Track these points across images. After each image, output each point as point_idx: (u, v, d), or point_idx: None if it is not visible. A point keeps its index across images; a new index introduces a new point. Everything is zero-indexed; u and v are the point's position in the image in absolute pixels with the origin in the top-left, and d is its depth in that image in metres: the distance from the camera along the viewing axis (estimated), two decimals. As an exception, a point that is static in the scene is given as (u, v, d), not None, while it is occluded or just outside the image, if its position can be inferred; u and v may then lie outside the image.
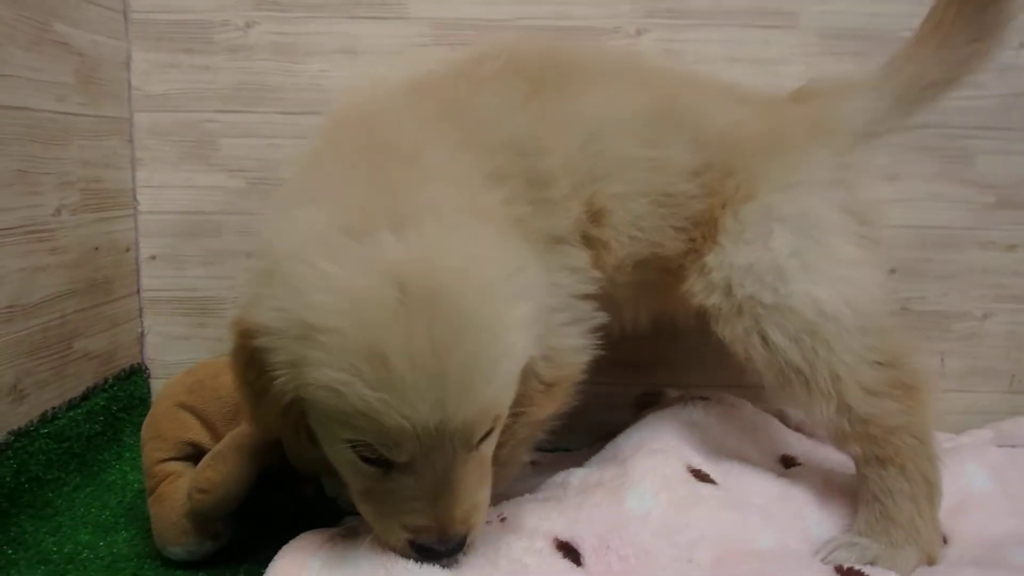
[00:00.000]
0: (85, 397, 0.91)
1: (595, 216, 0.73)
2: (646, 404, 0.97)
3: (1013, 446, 0.88)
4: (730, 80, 0.84)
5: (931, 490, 0.70)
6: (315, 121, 0.97)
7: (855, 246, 0.73)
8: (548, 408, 0.70)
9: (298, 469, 0.76)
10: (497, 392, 0.56)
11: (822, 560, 0.67)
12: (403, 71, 0.76)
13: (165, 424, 0.77)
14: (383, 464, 0.56)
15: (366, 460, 0.57)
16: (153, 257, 1.02)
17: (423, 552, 0.58)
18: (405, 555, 0.58)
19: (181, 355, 1.02)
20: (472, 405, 0.54)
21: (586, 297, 0.70)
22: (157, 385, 1.03)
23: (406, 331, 0.51)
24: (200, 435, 0.77)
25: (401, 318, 0.52)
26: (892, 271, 1.03)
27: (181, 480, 0.75)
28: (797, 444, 0.89)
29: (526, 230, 0.65)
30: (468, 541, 0.59)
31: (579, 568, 0.62)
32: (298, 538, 0.65)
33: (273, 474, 0.75)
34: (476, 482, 0.58)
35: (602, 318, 0.71)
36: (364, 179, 0.60)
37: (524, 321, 0.56)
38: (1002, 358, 1.05)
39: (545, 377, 0.67)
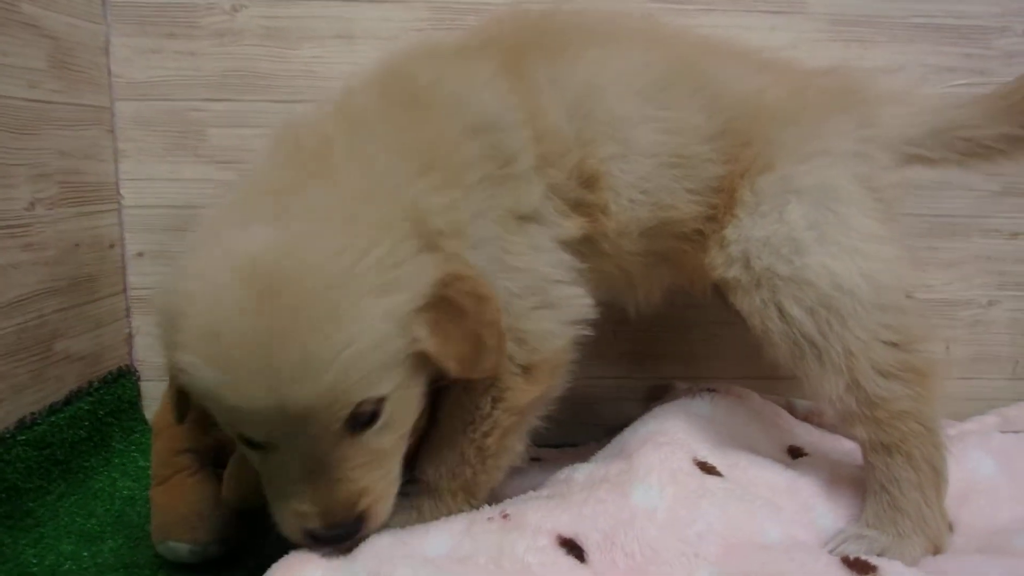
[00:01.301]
0: (68, 401, 0.87)
1: (587, 181, 0.71)
2: (655, 397, 0.96)
3: (1017, 432, 0.88)
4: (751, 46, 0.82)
5: (938, 479, 0.69)
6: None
7: (874, 220, 0.71)
8: (529, 392, 0.68)
9: None
10: (341, 380, 0.55)
11: (830, 553, 0.66)
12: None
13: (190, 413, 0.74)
14: (256, 445, 0.59)
15: (244, 442, 0.59)
16: (140, 254, 0.97)
17: (314, 540, 0.59)
18: (300, 543, 0.60)
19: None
20: (308, 392, 0.54)
21: (559, 281, 0.69)
22: (149, 387, 0.99)
23: (244, 316, 0.53)
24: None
25: (241, 303, 0.54)
26: (897, 245, 1.01)
27: (200, 474, 0.73)
28: (805, 435, 0.89)
29: (473, 212, 0.65)
30: (365, 528, 0.60)
31: (583, 565, 0.61)
32: (300, 549, 0.63)
33: None
34: (361, 468, 0.59)
35: (587, 305, 0.70)
36: (270, 178, 0.63)
37: (387, 312, 0.56)
38: (1007, 345, 1.06)
39: (519, 360, 0.67)
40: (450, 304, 0.59)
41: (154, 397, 0.98)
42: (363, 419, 0.58)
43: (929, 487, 0.69)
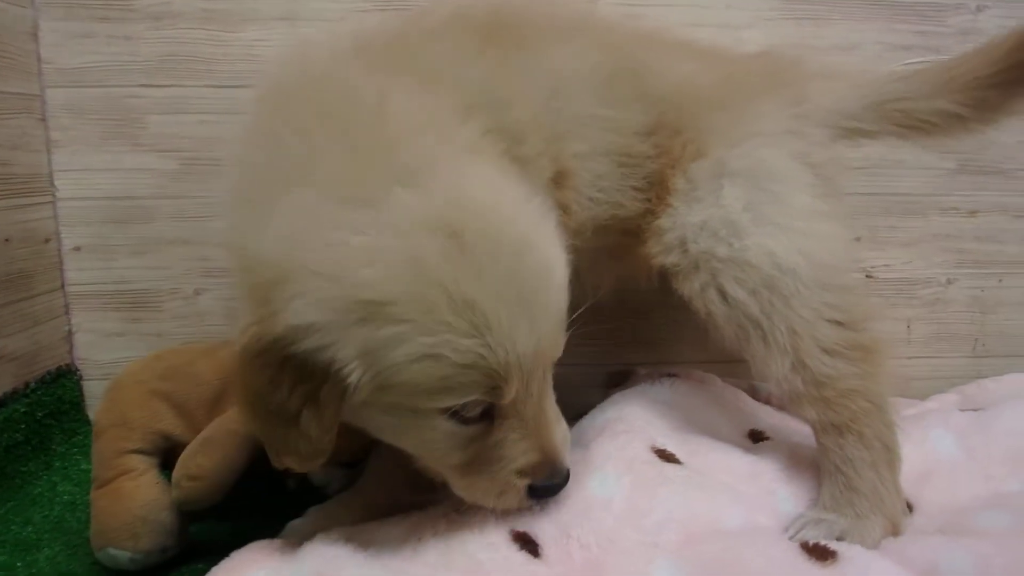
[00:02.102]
0: (3, 403, 0.84)
1: (558, 177, 0.70)
2: (616, 383, 0.94)
3: (976, 410, 0.88)
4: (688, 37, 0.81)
5: (891, 456, 0.69)
6: (252, 95, 0.89)
7: (812, 197, 0.71)
8: None
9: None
10: (565, 305, 0.57)
11: (790, 538, 0.65)
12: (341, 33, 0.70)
13: (134, 412, 0.71)
14: (485, 418, 0.57)
15: (468, 422, 0.56)
16: (77, 248, 0.93)
17: (541, 494, 0.60)
18: (523, 508, 0.60)
19: (116, 353, 0.95)
20: (555, 322, 0.56)
21: None
22: (92, 387, 0.96)
23: (477, 272, 0.51)
24: (173, 425, 0.72)
25: (467, 262, 0.51)
26: (857, 239, 1.00)
27: (144, 477, 0.69)
28: (766, 418, 0.88)
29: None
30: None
31: (537, 560, 0.60)
32: (244, 549, 0.62)
33: (255, 465, 0.70)
34: (553, 404, 0.60)
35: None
36: (336, 145, 0.56)
37: (557, 238, 0.58)
38: (967, 323, 1.07)
39: None
40: None
41: (98, 396, 0.94)
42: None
43: (883, 465, 0.68)
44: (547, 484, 0.59)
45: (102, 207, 0.92)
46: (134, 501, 0.67)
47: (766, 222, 0.69)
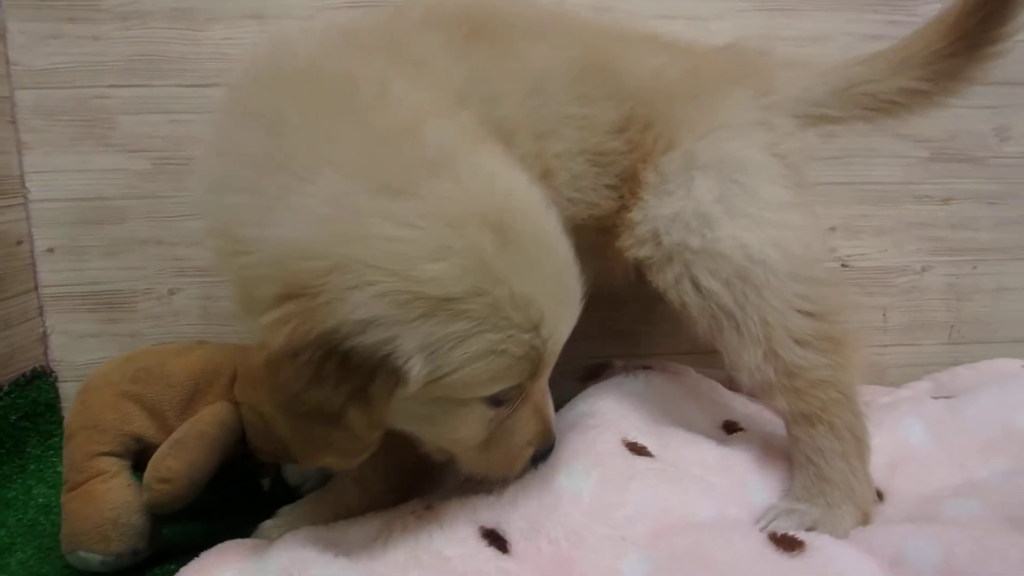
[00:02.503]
0: None
1: (542, 176, 0.69)
2: (593, 376, 0.93)
3: (948, 397, 0.88)
4: (656, 31, 0.81)
5: (860, 447, 0.70)
6: (231, 86, 0.89)
7: (782, 187, 0.71)
8: None
9: (265, 458, 0.73)
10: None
11: (762, 529, 0.65)
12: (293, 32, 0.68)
13: (105, 414, 0.71)
14: (517, 398, 0.58)
15: (502, 404, 0.58)
16: (50, 250, 0.93)
17: (539, 458, 0.64)
18: (525, 472, 0.64)
19: (92, 354, 0.95)
20: (579, 309, 0.58)
21: None
22: (67, 388, 0.95)
23: (530, 268, 0.53)
24: (145, 427, 0.71)
25: (516, 258, 0.52)
26: (832, 228, 1.00)
27: (116, 480, 0.69)
28: (741, 408, 0.88)
29: None
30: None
31: (506, 555, 0.60)
32: (213, 549, 0.62)
33: (228, 466, 0.71)
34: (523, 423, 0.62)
35: None
36: (350, 131, 0.54)
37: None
38: (942, 310, 1.07)
39: None
40: None
41: (73, 398, 0.94)
42: None
43: (853, 455, 0.69)
44: (545, 449, 0.63)
45: (74, 208, 0.92)
46: (105, 504, 0.67)
47: (738, 214, 0.69)
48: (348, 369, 0.49)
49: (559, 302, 0.55)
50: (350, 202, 0.50)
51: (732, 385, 0.98)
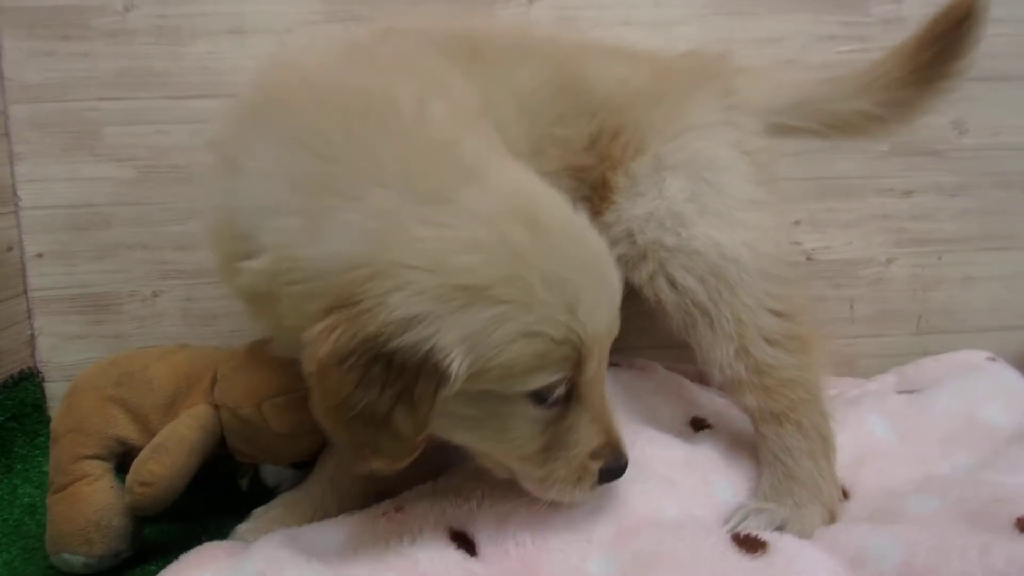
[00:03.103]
0: None
1: None
2: None
3: (911, 391, 0.83)
4: (621, 42, 0.79)
5: (826, 446, 0.67)
6: (206, 105, 0.90)
7: (751, 183, 0.71)
8: None
9: (243, 459, 0.72)
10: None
11: (729, 530, 0.62)
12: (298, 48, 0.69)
13: (91, 418, 0.69)
14: (566, 398, 0.56)
15: (549, 405, 0.55)
16: (40, 255, 0.92)
17: (609, 477, 0.59)
18: (592, 489, 0.59)
19: (79, 355, 0.93)
20: (618, 300, 0.57)
21: None
22: (54, 389, 0.93)
23: (562, 253, 0.53)
24: (129, 430, 0.69)
25: (547, 245, 0.52)
26: (796, 223, 1.01)
27: (100, 483, 0.67)
28: (708, 404, 0.84)
29: None
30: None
31: (473, 558, 0.57)
32: (191, 552, 0.61)
33: (207, 467, 0.70)
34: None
35: None
36: (395, 149, 0.55)
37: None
38: (909, 300, 1.02)
39: None
40: None
41: (60, 399, 0.95)
42: None
43: (820, 455, 0.67)
44: (615, 467, 0.58)
45: (63, 215, 0.90)
46: (89, 506, 0.65)
47: (710, 212, 0.68)
48: (392, 371, 0.49)
49: (595, 289, 0.54)
50: (394, 214, 0.51)
51: (702, 379, 0.98)
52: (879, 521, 0.64)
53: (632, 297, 0.97)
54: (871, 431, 0.77)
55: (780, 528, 0.63)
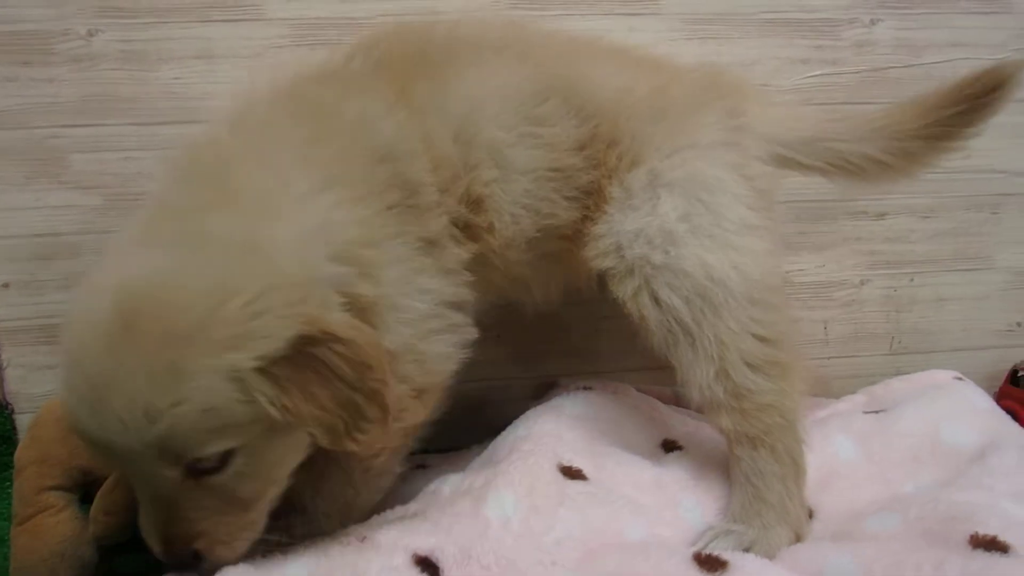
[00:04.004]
0: None
1: (473, 205, 0.71)
2: (541, 395, 0.93)
3: (879, 411, 0.87)
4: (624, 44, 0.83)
5: (798, 472, 0.70)
6: (173, 131, 0.92)
7: (748, 208, 0.72)
8: (420, 415, 0.67)
9: None
10: (169, 435, 0.52)
11: (699, 550, 0.64)
12: (265, 75, 0.71)
13: (55, 448, 0.70)
14: None
15: None
16: (6, 285, 0.93)
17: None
18: None
19: (48, 386, 0.94)
20: (133, 440, 0.52)
21: (458, 306, 0.68)
22: (24, 420, 0.94)
23: (97, 349, 0.52)
24: (92, 460, 0.70)
25: (100, 334, 0.52)
26: (768, 235, 1.02)
27: (64, 514, 0.68)
28: (680, 426, 0.87)
29: (386, 233, 0.63)
30: (204, 563, 0.58)
31: None
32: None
33: None
34: (204, 511, 0.56)
35: (473, 332, 0.70)
36: (165, 203, 0.62)
37: (232, 369, 0.52)
38: (882, 322, 1.07)
39: (417, 382, 0.66)
40: (317, 364, 0.53)
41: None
42: (205, 467, 0.54)
43: (791, 479, 0.69)
44: (159, 555, 0.58)
45: (29, 244, 0.91)
46: (54, 537, 0.66)
47: (702, 233, 0.70)
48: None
49: (89, 393, 0.52)
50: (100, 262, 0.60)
51: (678, 401, 0.99)
52: (841, 540, 0.68)
53: (611, 319, 0.98)
54: (836, 452, 0.81)
55: (747, 549, 0.66)
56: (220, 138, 0.64)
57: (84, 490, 0.71)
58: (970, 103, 0.72)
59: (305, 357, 0.53)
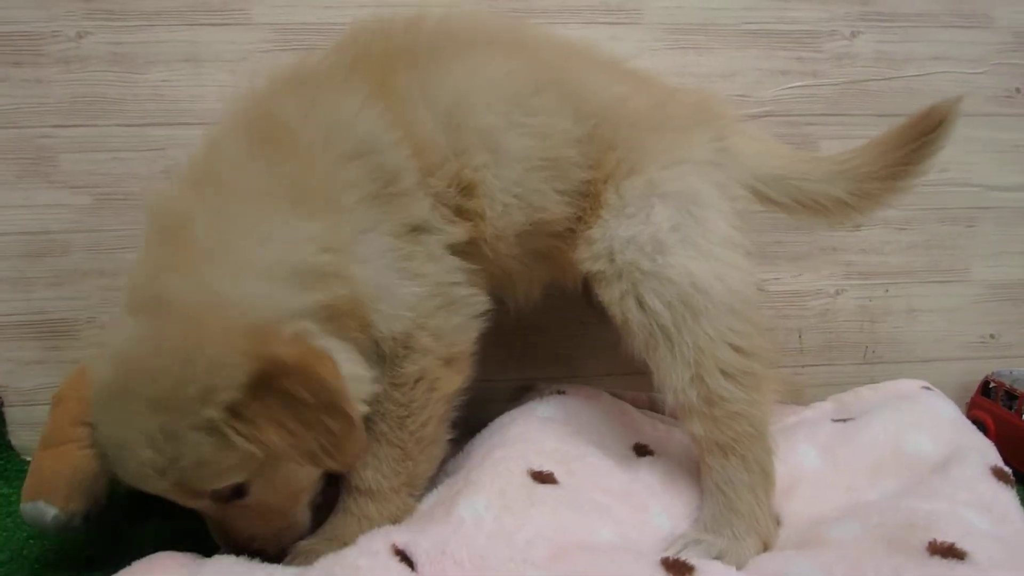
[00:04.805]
0: None
1: (465, 190, 0.72)
2: (516, 398, 0.94)
3: (846, 420, 0.88)
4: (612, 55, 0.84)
5: (767, 481, 0.71)
6: (160, 132, 0.93)
7: (731, 226, 0.74)
8: (454, 382, 0.72)
9: None
10: (180, 482, 0.58)
11: (671, 557, 0.65)
12: (246, 78, 0.73)
13: None
14: None
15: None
16: None
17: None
18: None
19: (36, 380, 0.96)
20: (155, 486, 0.59)
21: (457, 283, 0.72)
22: (14, 414, 0.96)
23: (106, 411, 0.60)
24: None
25: (104, 398, 0.59)
26: (747, 254, 1.03)
27: (89, 451, 0.69)
28: (651, 431, 0.88)
29: (358, 230, 0.66)
30: (285, 555, 0.65)
31: (413, 574, 0.60)
32: (144, 560, 0.63)
33: None
34: (246, 521, 0.63)
35: (483, 301, 0.74)
36: (142, 265, 0.66)
37: (210, 424, 0.56)
38: (856, 331, 1.07)
39: (441, 354, 0.70)
40: (278, 396, 0.56)
41: (20, 423, 0.95)
42: (226, 496, 0.61)
43: (760, 489, 0.71)
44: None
45: (20, 242, 0.93)
46: (77, 467, 0.69)
47: (689, 244, 0.72)
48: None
49: (109, 446, 0.60)
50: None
51: (652, 406, 1.01)
52: (804, 547, 0.68)
53: (586, 324, 1.00)
54: (801, 462, 0.82)
55: (717, 558, 0.67)
56: (180, 194, 0.66)
57: None
58: (919, 140, 0.76)
59: (266, 392, 0.56)
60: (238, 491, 0.61)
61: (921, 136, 0.76)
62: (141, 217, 0.91)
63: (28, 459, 0.94)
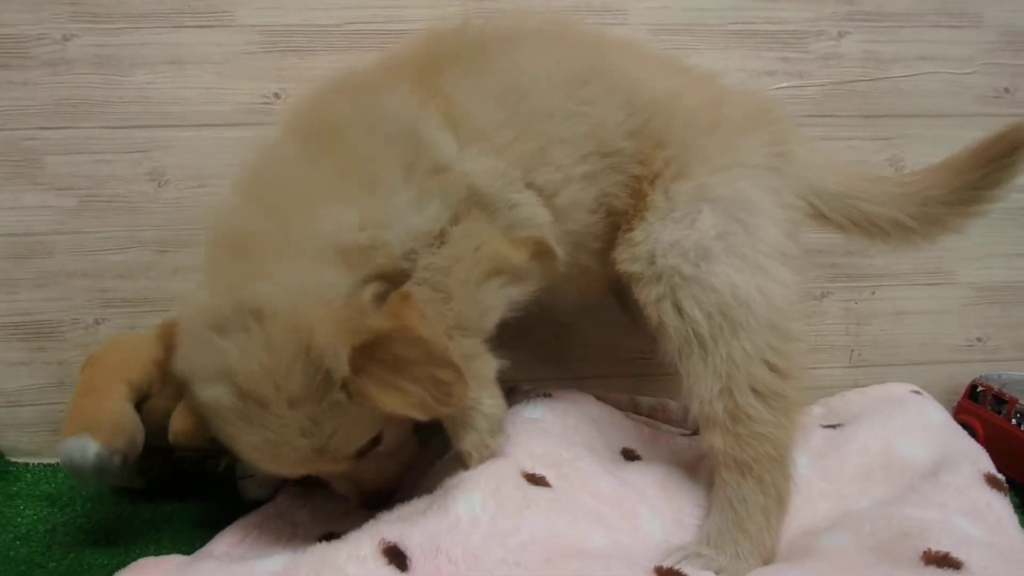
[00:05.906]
0: None
1: (529, 162, 0.69)
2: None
3: (835, 426, 0.85)
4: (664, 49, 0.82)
5: (781, 507, 0.68)
6: (145, 135, 0.91)
7: (783, 236, 0.70)
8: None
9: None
10: (322, 458, 0.64)
11: (668, 567, 0.63)
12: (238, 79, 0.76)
13: (136, 355, 0.74)
14: None
15: None
16: None
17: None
18: None
19: (21, 381, 0.94)
20: (307, 469, 0.67)
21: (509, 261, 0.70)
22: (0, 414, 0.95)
23: (242, 421, 0.63)
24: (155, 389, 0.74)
25: (243, 420, 0.63)
26: (797, 268, 1.01)
27: (128, 403, 0.70)
28: (638, 435, 0.86)
29: (411, 200, 0.66)
30: (391, 492, 0.72)
31: (405, 574, 0.58)
32: (132, 566, 0.63)
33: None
34: (373, 470, 0.70)
35: (534, 283, 0.74)
36: (214, 285, 0.66)
37: (329, 409, 0.61)
38: (842, 334, 1.05)
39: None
40: (383, 364, 0.59)
41: (5, 424, 0.94)
42: (367, 449, 0.66)
43: (773, 514, 0.67)
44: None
45: (4, 243, 0.91)
46: (121, 409, 0.68)
47: (734, 253, 0.68)
48: None
49: (253, 450, 0.63)
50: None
51: (636, 408, 0.99)
52: (794, 557, 0.66)
53: (569, 327, 0.99)
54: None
55: (716, 574, 0.64)
56: (238, 208, 0.67)
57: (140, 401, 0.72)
58: (993, 164, 0.71)
59: (371, 363, 0.59)
60: (375, 441, 0.66)
61: (995, 159, 0.71)
62: (125, 219, 0.94)
63: (14, 460, 0.93)
